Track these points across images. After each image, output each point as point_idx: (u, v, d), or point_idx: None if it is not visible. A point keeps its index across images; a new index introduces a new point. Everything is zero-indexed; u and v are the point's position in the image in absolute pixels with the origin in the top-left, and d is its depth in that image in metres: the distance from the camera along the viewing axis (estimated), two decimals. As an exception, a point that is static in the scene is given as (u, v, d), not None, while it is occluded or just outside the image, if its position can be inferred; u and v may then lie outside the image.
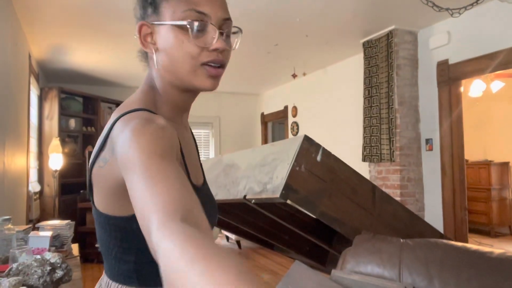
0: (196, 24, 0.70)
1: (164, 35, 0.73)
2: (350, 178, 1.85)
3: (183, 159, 0.74)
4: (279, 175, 1.67)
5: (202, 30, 0.72)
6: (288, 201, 1.62)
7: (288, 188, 1.60)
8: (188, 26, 0.70)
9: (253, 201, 1.77)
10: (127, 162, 0.55)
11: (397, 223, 1.97)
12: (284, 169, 1.66)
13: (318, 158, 1.73)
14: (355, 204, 1.83)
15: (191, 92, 0.79)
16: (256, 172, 1.86)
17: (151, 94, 0.78)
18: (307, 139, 1.71)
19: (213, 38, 0.72)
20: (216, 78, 0.76)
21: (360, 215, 1.84)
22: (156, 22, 0.74)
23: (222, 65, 0.77)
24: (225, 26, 0.79)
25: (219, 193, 2.10)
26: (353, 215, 1.82)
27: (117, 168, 0.61)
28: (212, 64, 0.73)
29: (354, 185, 1.85)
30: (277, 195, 1.58)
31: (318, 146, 1.75)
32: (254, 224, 2.50)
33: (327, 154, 1.77)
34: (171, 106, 0.79)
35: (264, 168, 1.82)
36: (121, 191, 0.64)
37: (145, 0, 0.76)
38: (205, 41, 0.72)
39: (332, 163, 1.79)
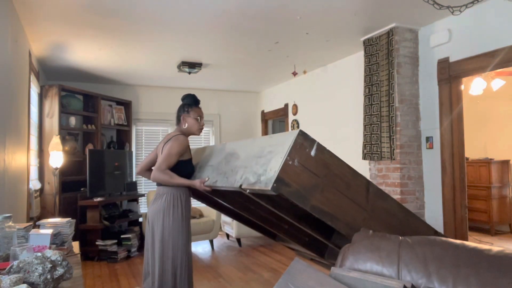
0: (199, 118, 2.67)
1: (189, 120, 2.64)
2: (344, 174, 1.87)
3: (189, 150, 2.67)
4: (272, 168, 1.70)
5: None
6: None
7: (279, 181, 1.63)
8: (198, 118, 2.67)
9: (247, 191, 1.82)
10: (169, 145, 2.49)
11: (391, 219, 1.98)
12: (278, 162, 1.69)
13: (313, 152, 1.75)
14: (348, 199, 1.85)
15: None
16: (253, 163, 1.91)
17: (181, 131, 2.65)
18: (302, 133, 1.74)
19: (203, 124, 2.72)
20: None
21: (352, 210, 1.86)
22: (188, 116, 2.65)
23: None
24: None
25: (219, 180, 2.16)
26: (345, 210, 1.84)
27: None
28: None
29: (348, 181, 1.87)
30: (269, 187, 1.63)
31: (313, 141, 1.77)
32: (255, 212, 2.55)
33: (321, 149, 1.79)
34: (187, 135, 2.65)
35: (260, 159, 1.86)
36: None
37: (183, 110, 2.66)
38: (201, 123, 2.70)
39: (327, 158, 1.81)
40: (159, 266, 2.44)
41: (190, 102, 2.63)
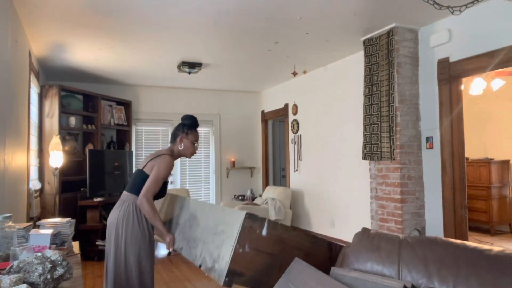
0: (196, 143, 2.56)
1: (186, 142, 2.49)
2: (302, 243, 1.79)
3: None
4: (224, 256, 1.65)
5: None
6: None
7: (231, 273, 1.59)
8: (195, 142, 2.54)
9: (206, 274, 1.79)
10: (157, 167, 2.33)
11: None
12: (228, 251, 1.64)
13: (264, 232, 1.68)
14: None
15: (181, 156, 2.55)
16: (209, 239, 1.86)
17: (172, 151, 2.49)
18: (249, 216, 1.66)
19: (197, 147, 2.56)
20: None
21: None
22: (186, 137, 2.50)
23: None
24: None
25: (184, 248, 2.13)
26: None
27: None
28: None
29: (307, 249, 1.79)
30: (221, 282, 1.59)
31: (262, 220, 1.68)
32: None
33: (273, 225, 1.71)
34: (176, 156, 2.50)
35: (215, 237, 1.81)
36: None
37: (183, 131, 2.50)
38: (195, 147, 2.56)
39: (280, 232, 1.73)
40: (112, 279, 2.29)
41: (191, 124, 2.53)
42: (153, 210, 2.26)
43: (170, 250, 2.30)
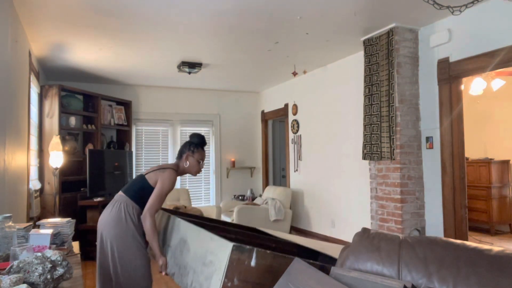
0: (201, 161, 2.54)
1: (192, 160, 2.50)
2: None
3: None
4: None
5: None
6: None
7: None
8: (200, 160, 2.52)
9: None
10: (161, 183, 2.33)
11: None
12: (217, 285, 1.62)
13: (252, 263, 1.65)
14: None
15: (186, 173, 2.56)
16: (199, 270, 1.85)
17: (178, 167, 2.49)
18: (236, 248, 1.64)
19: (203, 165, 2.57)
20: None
21: None
22: (192, 155, 2.50)
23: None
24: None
25: (176, 274, 2.11)
26: None
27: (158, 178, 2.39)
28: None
29: None
30: None
31: (251, 250, 1.66)
32: (238, 234, 2.59)
33: (262, 255, 1.67)
34: (181, 172, 2.51)
35: (204, 268, 1.80)
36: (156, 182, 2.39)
37: (189, 149, 2.49)
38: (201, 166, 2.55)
39: (270, 261, 1.70)
40: (102, 278, 2.29)
41: (198, 143, 2.55)
42: (153, 228, 2.28)
43: (163, 274, 2.29)
